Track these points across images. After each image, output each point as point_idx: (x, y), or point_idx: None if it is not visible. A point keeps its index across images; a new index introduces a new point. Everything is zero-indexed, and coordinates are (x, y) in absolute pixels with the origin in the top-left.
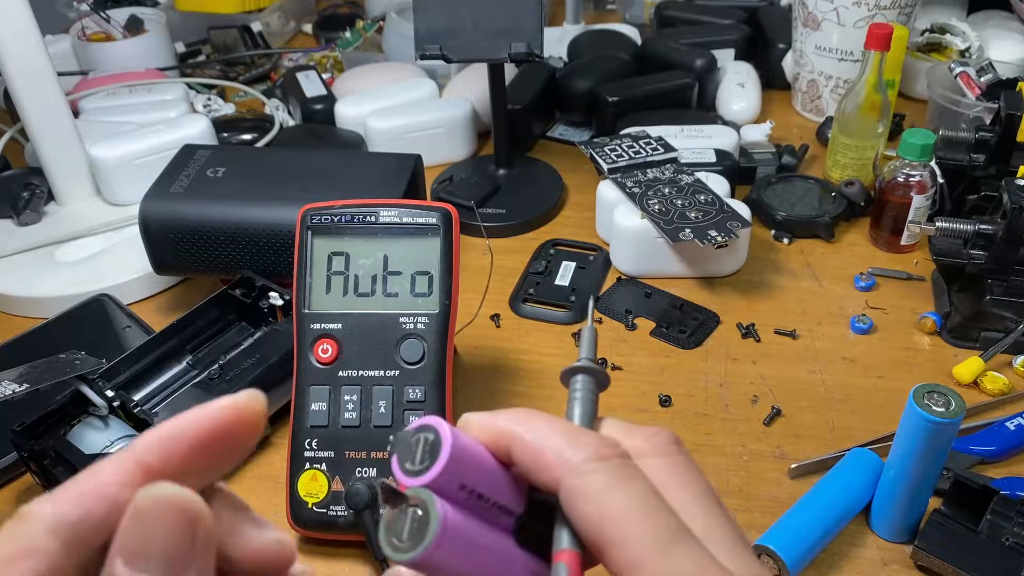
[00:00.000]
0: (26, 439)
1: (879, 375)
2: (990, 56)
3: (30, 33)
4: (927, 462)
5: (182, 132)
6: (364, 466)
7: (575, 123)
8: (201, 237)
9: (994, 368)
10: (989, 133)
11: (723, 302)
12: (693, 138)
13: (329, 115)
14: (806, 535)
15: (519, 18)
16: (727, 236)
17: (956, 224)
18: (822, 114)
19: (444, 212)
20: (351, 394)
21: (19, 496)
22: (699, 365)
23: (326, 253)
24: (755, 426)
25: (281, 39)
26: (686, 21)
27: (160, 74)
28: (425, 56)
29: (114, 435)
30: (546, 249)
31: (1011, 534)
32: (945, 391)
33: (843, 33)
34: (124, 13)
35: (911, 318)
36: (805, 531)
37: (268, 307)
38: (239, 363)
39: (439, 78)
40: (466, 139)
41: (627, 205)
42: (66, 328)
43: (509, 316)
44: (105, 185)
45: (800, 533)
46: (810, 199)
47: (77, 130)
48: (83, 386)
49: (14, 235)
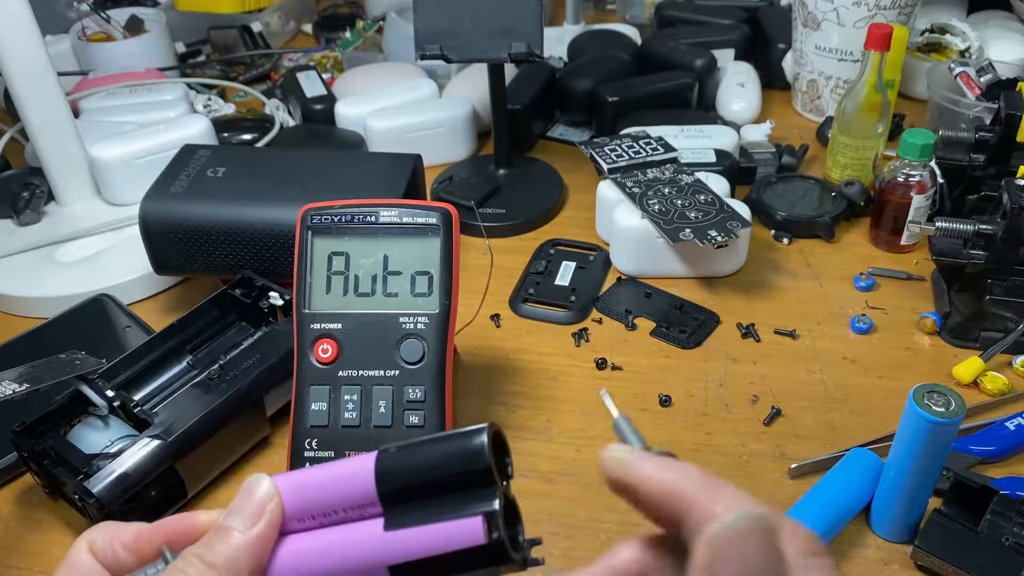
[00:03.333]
0: (26, 439)
1: (879, 375)
2: (990, 56)
3: (30, 33)
4: (927, 462)
5: (182, 132)
6: None
7: (575, 123)
8: (201, 237)
9: (994, 368)
10: (989, 133)
11: (723, 302)
12: (693, 138)
13: (329, 115)
14: None
15: (519, 18)
16: (727, 236)
17: (956, 224)
18: (822, 114)
19: (444, 212)
20: (351, 394)
21: (19, 496)
22: (699, 365)
23: (326, 253)
24: (755, 426)
25: (281, 39)
26: (686, 21)
27: (160, 74)
28: (425, 56)
29: (114, 435)
30: (546, 249)
31: (1011, 534)
32: (945, 391)
33: (843, 33)
34: (124, 13)
35: (911, 318)
36: None
37: (268, 307)
38: (239, 363)
39: (439, 78)
40: (466, 139)
41: (627, 205)
42: (66, 328)
43: (509, 316)
44: (105, 185)
45: None
46: (810, 199)
47: (77, 130)
48: (83, 386)
49: (14, 235)
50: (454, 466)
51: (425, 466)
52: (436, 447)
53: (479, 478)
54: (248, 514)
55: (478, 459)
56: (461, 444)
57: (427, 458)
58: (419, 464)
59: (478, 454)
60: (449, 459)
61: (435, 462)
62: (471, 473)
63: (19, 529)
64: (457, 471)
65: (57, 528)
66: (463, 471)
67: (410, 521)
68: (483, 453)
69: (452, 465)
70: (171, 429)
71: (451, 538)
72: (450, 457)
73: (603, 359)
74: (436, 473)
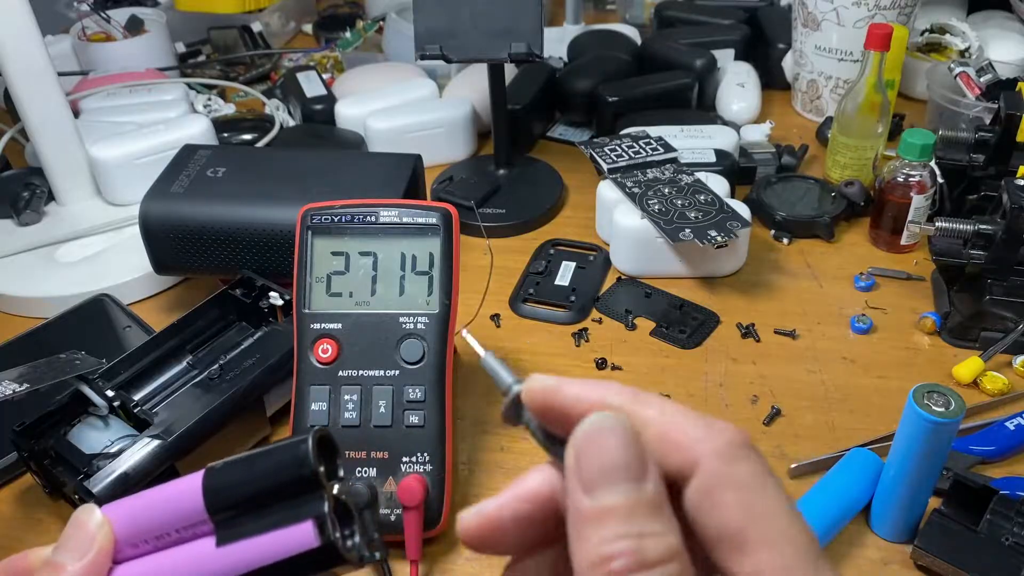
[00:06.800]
0: (26, 439)
1: (879, 375)
2: (990, 56)
3: (30, 33)
4: (927, 462)
5: (182, 132)
6: (364, 466)
7: (575, 123)
8: (201, 237)
9: (994, 368)
10: (989, 133)
11: (723, 302)
12: (693, 138)
13: (329, 115)
14: None
15: (519, 18)
16: (727, 236)
17: (956, 224)
18: (822, 114)
19: (444, 212)
20: (351, 394)
21: (19, 496)
22: (699, 365)
23: (326, 253)
24: (755, 426)
25: (281, 39)
26: (686, 21)
27: (160, 74)
28: (425, 56)
29: (114, 435)
30: (546, 249)
31: (1011, 534)
32: (945, 391)
33: (843, 33)
34: (124, 13)
35: (911, 318)
36: None
37: (268, 307)
38: (239, 363)
39: (439, 78)
40: (466, 139)
41: (627, 205)
42: (66, 328)
43: (509, 316)
44: (105, 185)
45: None
46: (810, 199)
47: (77, 130)
48: (83, 386)
49: (14, 235)
50: (281, 475)
51: (252, 478)
52: (262, 459)
53: (308, 484)
54: (78, 546)
55: (304, 465)
56: (286, 453)
57: (253, 470)
58: (246, 476)
59: (303, 460)
60: (275, 469)
61: (261, 473)
62: (299, 480)
63: (19, 529)
64: (285, 480)
65: (57, 528)
66: (291, 479)
67: (242, 534)
68: (308, 459)
69: (279, 474)
70: (171, 429)
71: (284, 545)
72: (276, 467)
73: (603, 359)
74: (264, 484)
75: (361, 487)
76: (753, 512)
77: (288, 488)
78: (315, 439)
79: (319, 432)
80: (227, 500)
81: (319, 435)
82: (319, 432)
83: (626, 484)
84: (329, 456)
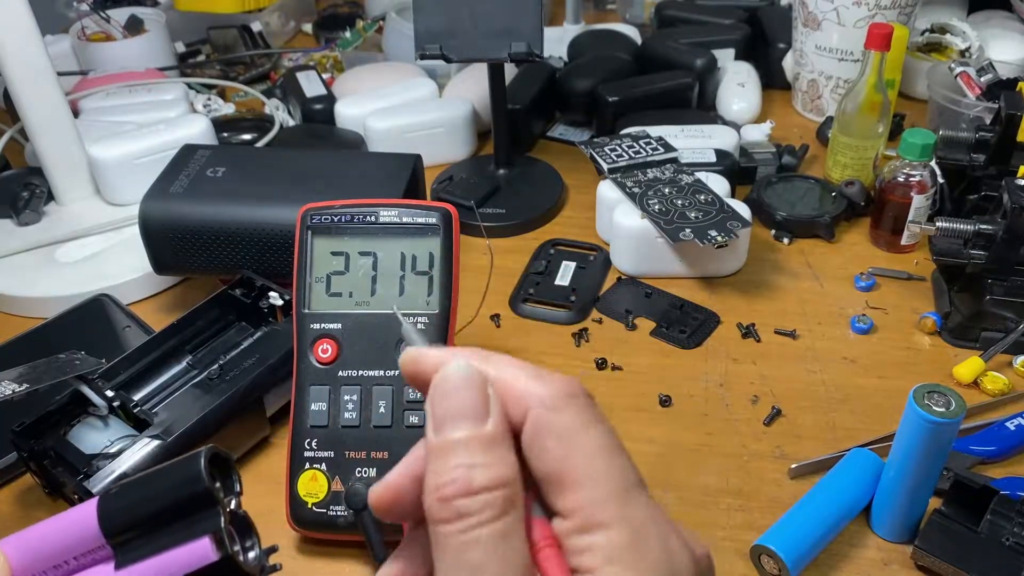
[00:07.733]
0: (26, 439)
1: (879, 375)
2: (990, 56)
3: (30, 33)
4: (927, 462)
5: (182, 132)
6: (364, 466)
7: (575, 123)
8: (201, 237)
9: (994, 368)
10: (989, 133)
11: (723, 302)
12: (693, 138)
13: (329, 115)
14: (806, 535)
15: (519, 18)
16: (727, 236)
17: (956, 224)
18: (822, 114)
19: (444, 212)
20: (351, 394)
21: (19, 496)
22: (699, 365)
23: (326, 253)
24: (755, 426)
25: (281, 39)
26: (686, 21)
27: (160, 74)
28: (425, 56)
29: (114, 435)
30: (546, 249)
31: (1011, 534)
32: (945, 391)
33: (843, 33)
34: (124, 13)
35: (911, 318)
36: (805, 531)
37: (268, 307)
38: (239, 363)
39: (439, 78)
40: (466, 139)
41: (627, 205)
42: (66, 328)
43: (509, 316)
44: (105, 185)
45: (800, 533)
46: (810, 199)
47: (77, 130)
48: (83, 386)
49: (14, 235)
50: (175, 494)
51: (147, 498)
52: (156, 479)
53: (203, 501)
54: None
55: (197, 482)
56: (179, 472)
57: (147, 491)
58: (140, 498)
59: (196, 478)
60: (170, 488)
61: (156, 493)
62: (194, 497)
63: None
64: (180, 498)
65: None
66: (185, 497)
67: (140, 556)
68: (200, 476)
69: (173, 494)
70: (171, 429)
71: (183, 562)
72: (170, 486)
73: (603, 359)
74: (159, 504)
75: (361, 487)
76: (571, 455)
77: (184, 506)
78: (207, 456)
79: (212, 450)
80: (123, 523)
81: (211, 452)
82: (212, 450)
83: (465, 422)
84: (225, 471)
